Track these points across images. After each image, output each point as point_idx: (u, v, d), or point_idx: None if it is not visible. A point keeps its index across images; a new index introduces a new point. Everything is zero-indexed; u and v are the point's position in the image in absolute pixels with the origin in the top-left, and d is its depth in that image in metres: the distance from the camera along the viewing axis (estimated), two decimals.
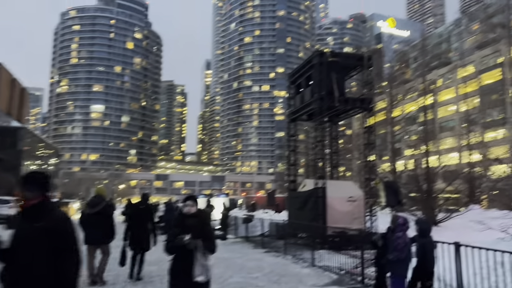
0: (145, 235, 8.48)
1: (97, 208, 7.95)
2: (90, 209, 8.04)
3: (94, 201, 8.16)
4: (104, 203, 8.16)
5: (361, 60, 13.20)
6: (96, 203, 8.04)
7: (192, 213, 4.24)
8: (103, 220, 8.01)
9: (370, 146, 12.95)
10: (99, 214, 7.94)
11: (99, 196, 8.33)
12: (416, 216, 14.20)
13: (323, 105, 12.53)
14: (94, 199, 8.26)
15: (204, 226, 4.24)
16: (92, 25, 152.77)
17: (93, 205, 8.05)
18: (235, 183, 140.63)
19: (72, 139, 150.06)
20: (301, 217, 13.36)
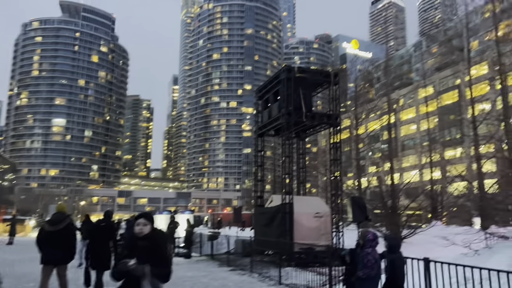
0: (106, 254, 8.13)
1: (59, 226, 7.47)
2: (52, 227, 7.51)
3: (56, 219, 7.64)
4: (67, 220, 7.71)
5: (328, 76, 13.32)
6: (59, 221, 7.55)
7: (144, 234, 3.70)
8: (65, 239, 7.51)
9: (336, 162, 12.98)
10: (61, 233, 7.46)
11: (61, 213, 7.84)
12: (381, 232, 14.28)
13: (290, 120, 12.49)
14: (56, 216, 7.74)
15: (157, 250, 3.68)
16: (55, 37, 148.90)
17: (55, 223, 7.53)
18: (201, 199, 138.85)
19: (31, 153, 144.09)
20: (268, 233, 13.12)
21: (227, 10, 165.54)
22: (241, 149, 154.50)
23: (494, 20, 14.96)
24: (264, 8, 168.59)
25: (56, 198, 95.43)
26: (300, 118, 12.73)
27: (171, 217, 16.05)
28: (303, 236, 12.57)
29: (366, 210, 10.37)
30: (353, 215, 10.00)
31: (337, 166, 13.02)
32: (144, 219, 3.77)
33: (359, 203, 10.16)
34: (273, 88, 13.99)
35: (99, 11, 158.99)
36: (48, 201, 79.97)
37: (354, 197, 10.58)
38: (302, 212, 12.56)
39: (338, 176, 13.07)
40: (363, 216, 10.01)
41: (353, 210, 9.98)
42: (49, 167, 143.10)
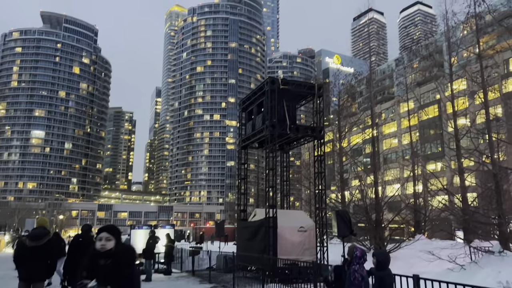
0: None
1: (41, 241, 7.06)
2: (33, 242, 7.07)
3: (37, 234, 7.21)
4: (48, 236, 7.33)
5: (312, 89, 13.21)
6: (40, 236, 7.14)
7: (106, 250, 3.18)
8: (47, 254, 7.12)
9: (320, 175, 12.80)
10: (43, 248, 7.05)
11: (43, 228, 7.45)
12: (366, 246, 14.06)
13: (274, 132, 12.28)
14: (37, 231, 7.33)
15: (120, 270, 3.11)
16: (36, 48, 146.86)
17: (36, 238, 7.10)
18: (184, 213, 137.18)
19: (8, 166, 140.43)
20: (251, 248, 12.77)
21: (211, 24, 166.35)
22: (225, 162, 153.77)
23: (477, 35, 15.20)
24: (248, 22, 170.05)
25: (34, 212, 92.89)
26: (284, 130, 12.54)
27: (150, 231, 15.53)
28: (287, 251, 12.26)
29: (351, 224, 10.18)
30: (338, 229, 9.78)
31: (322, 179, 12.83)
32: (107, 233, 3.26)
33: (344, 217, 9.96)
34: (257, 99, 13.80)
35: (81, 22, 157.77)
36: (25, 215, 77.61)
37: (339, 211, 10.37)
38: (285, 226, 12.27)
39: (322, 189, 12.88)
40: (348, 230, 9.79)
41: (338, 224, 9.76)
42: (27, 180, 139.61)
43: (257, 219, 13.13)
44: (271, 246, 11.69)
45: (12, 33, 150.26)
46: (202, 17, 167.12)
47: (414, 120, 68.14)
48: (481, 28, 18.04)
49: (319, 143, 13.00)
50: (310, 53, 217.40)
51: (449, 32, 15.78)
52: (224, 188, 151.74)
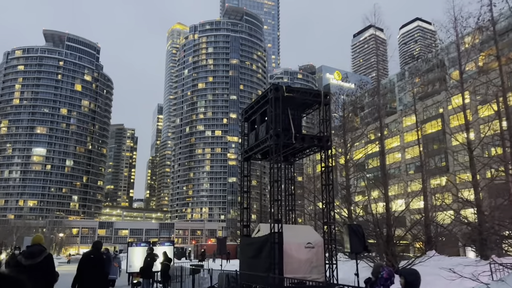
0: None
1: (37, 259, 6.60)
2: (29, 260, 6.59)
3: (32, 251, 6.72)
4: (44, 253, 6.82)
5: (318, 97, 12.59)
6: (36, 254, 6.66)
7: None
8: (44, 273, 6.64)
9: (328, 187, 12.06)
10: (39, 267, 6.59)
11: (38, 245, 6.93)
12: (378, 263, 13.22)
13: (279, 142, 11.60)
14: (33, 248, 6.82)
15: None
16: (38, 66, 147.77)
17: (31, 256, 6.62)
18: (185, 230, 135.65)
19: (9, 183, 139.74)
20: (255, 266, 11.95)
21: (212, 41, 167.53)
22: (226, 178, 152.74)
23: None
24: (249, 39, 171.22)
25: (34, 230, 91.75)
26: (289, 140, 11.86)
27: (148, 249, 14.70)
28: (293, 269, 11.45)
29: (365, 239, 9.41)
30: (351, 245, 9.02)
31: (329, 192, 12.10)
32: None
33: (358, 231, 9.20)
34: (260, 108, 13.16)
35: (83, 40, 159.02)
36: (23, 233, 76.51)
37: (352, 225, 9.62)
38: (292, 242, 11.49)
39: (330, 202, 12.13)
40: (362, 246, 9.04)
41: (350, 240, 9.01)
42: (27, 198, 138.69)
43: (261, 235, 12.35)
44: (277, 264, 10.89)
45: (15, 51, 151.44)
46: (204, 35, 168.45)
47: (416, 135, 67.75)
48: (481, 42, 17.55)
49: (326, 153, 12.31)
50: (310, 69, 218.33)
51: (458, 39, 15.23)
52: (226, 205, 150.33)
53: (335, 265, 11.57)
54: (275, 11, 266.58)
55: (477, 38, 15.48)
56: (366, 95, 54.61)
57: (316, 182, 33.08)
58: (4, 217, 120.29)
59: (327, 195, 12.03)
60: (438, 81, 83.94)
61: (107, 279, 7.70)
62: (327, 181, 12.11)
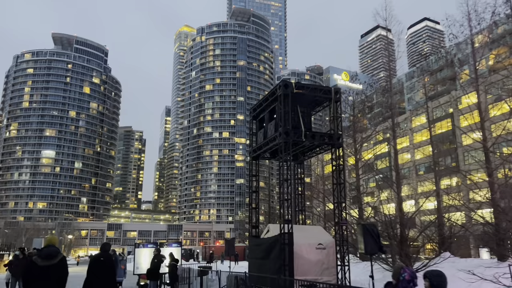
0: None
1: (53, 261, 6.59)
2: (45, 261, 6.55)
3: (49, 253, 6.66)
4: (60, 255, 6.80)
5: (328, 93, 12.23)
6: (52, 255, 6.64)
7: None
8: (59, 275, 6.63)
9: (340, 186, 11.69)
10: (55, 268, 6.57)
11: (53, 247, 6.88)
12: (398, 264, 12.77)
13: (288, 140, 11.26)
14: (49, 249, 6.76)
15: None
16: (47, 69, 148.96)
17: (48, 257, 6.58)
18: (193, 232, 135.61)
19: (19, 186, 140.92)
20: (265, 267, 11.62)
21: (219, 42, 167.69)
22: (234, 179, 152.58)
23: None
24: (256, 41, 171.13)
25: (43, 232, 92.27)
26: (299, 138, 11.51)
27: (155, 250, 14.41)
28: (304, 271, 11.09)
29: (380, 239, 9.02)
30: (366, 246, 8.64)
31: (341, 191, 11.72)
32: None
33: (372, 231, 8.81)
34: (268, 106, 12.82)
35: (92, 43, 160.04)
36: (32, 234, 76.87)
37: (366, 225, 9.23)
38: (302, 243, 11.13)
39: (342, 202, 11.75)
40: (377, 246, 8.65)
41: (365, 240, 8.63)
42: (37, 200, 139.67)
43: (270, 236, 12.01)
44: (287, 266, 10.55)
45: (24, 54, 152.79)
46: (211, 36, 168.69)
47: (427, 134, 66.92)
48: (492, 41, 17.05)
49: (337, 151, 11.94)
50: (318, 70, 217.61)
51: (472, 35, 14.78)
52: (234, 206, 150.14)
53: (347, 266, 11.20)
54: (282, 13, 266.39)
55: (490, 34, 15.03)
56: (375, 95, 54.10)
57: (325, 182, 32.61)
58: (14, 219, 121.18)
59: (339, 195, 11.66)
60: (449, 80, 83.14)
61: (116, 281, 7.79)
62: (338, 180, 11.75)
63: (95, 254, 8.67)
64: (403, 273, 4.37)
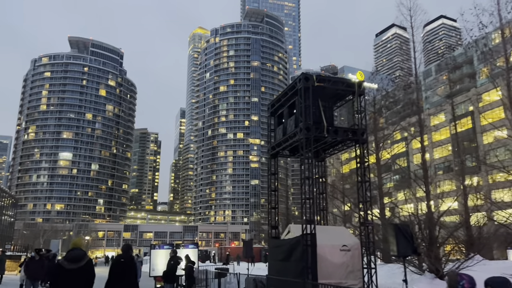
0: None
1: (80, 263, 6.52)
2: (72, 264, 6.48)
3: (76, 255, 6.62)
4: (86, 258, 6.78)
5: (351, 86, 11.58)
6: (79, 258, 6.59)
7: None
8: (86, 277, 6.56)
9: (365, 184, 11.02)
10: (82, 271, 6.51)
11: (79, 249, 6.85)
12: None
13: (309, 135, 10.65)
14: (75, 252, 6.70)
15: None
16: (64, 72, 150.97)
17: (75, 260, 6.53)
18: (208, 233, 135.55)
19: (37, 188, 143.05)
20: (285, 270, 11.03)
21: (233, 44, 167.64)
22: (249, 180, 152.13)
23: None
24: (270, 41, 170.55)
25: (61, 233, 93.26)
26: (320, 133, 10.89)
27: (172, 251, 13.92)
28: (328, 274, 10.49)
29: (414, 240, 8.36)
30: (398, 248, 8.00)
31: (366, 189, 11.07)
32: None
33: (405, 232, 8.15)
34: (288, 100, 12.23)
35: (107, 46, 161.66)
36: (50, 236, 77.64)
37: (399, 225, 8.57)
38: (325, 244, 10.52)
39: (367, 201, 11.09)
40: (410, 248, 7.99)
41: (397, 241, 7.98)
42: (55, 202, 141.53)
43: (291, 236, 11.42)
44: (310, 269, 9.94)
45: (42, 58, 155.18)
46: (225, 37, 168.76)
47: (446, 133, 65.38)
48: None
49: (362, 148, 11.28)
50: (332, 69, 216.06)
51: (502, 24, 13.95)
52: (249, 207, 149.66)
53: (374, 269, 10.53)
54: (295, 13, 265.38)
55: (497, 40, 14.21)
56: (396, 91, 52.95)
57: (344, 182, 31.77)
58: (32, 220, 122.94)
59: (363, 193, 11.01)
60: (468, 77, 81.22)
61: (137, 283, 7.82)
62: (363, 178, 11.10)
63: (117, 255, 8.56)
64: (460, 280, 3.76)
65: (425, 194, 14.25)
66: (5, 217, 56.28)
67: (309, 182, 10.61)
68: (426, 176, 14.67)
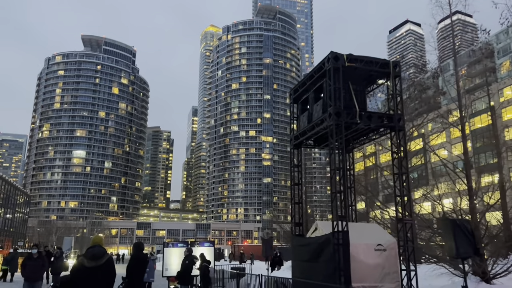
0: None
1: (101, 261, 6.33)
2: (93, 262, 6.29)
3: (96, 253, 6.42)
4: (107, 255, 6.54)
5: (386, 67, 10.39)
6: (100, 255, 6.39)
7: None
8: (106, 276, 6.39)
9: (402, 176, 9.82)
10: (102, 269, 6.33)
11: (100, 247, 6.58)
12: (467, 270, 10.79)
13: (340, 121, 9.50)
14: (96, 250, 6.48)
15: None
16: (77, 70, 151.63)
17: (96, 258, 6.34)
18: (221, 231, 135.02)
19: (51, 185, 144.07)
20: (313, 272, 9.90)
21: (245, 41, 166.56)
22: (261, 178, 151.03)
23: None
24: (282, 38, 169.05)
25: (75, 230, 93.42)
26: (352, 119, 9.74)
27: (186, 250, 12.87)
28: (361, 277, 9.34)
29: (475, 239, 7.16)
30: (457, 247, 6.82)
31: (404, 181, 9.89)
32: None
33: (465, 228, 6.97)
34: (314, 84, 11.05)
35: (120, 44, 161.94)
36: (63, 233, 77.60)
37: (457, 220, 7.38)
38: (358, 243, 9.37)
39: (406, 194, 9.91)
40: (472, 248, 6.80)
41: (456, 239, 6.81)
42: (69, 199, 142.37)
43: (319, 234, 10.30)
44: (342, 271, 8.81)
45: (55, 57, 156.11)
46: (237, 35, 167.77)
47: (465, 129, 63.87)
48: None
49: (398, 135, 10.10)
50: None
51: None
52: (261, 205, 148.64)
53: (413, 272, 9.36)
54: (308, 10, 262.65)
55: None
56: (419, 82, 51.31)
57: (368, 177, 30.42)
58: (47, 217, 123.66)
59: (401, 187, 9.83)
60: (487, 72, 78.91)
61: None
62: (401, 170, 9.92)
63: (134, 253, 8.61)
64: None
65: (467, 188, 12.99)
66: (18, 214, 56.03)
67: (340, 174, 9.48)
68: (468, 168, 13.39)
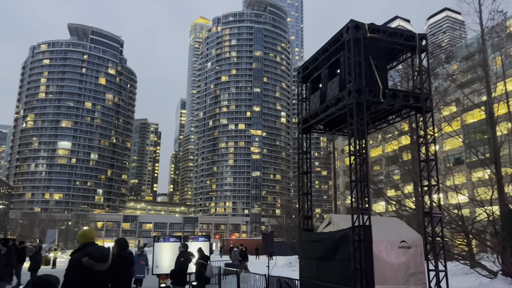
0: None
1: (107, 264, 5.11)
2: (100, 265, 4.93)
3: (102, 253, 5.04)
4: (110, 255, 5.37)
5: (411, 39, 9.11)
6: (106, 257, 5.08)
7: None
8: (110, 278, 5.38)
9: (429, 164, 8.59)
10: (107, 272, 5.17)
11: (97, 244, 5.33)
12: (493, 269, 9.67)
13: (361, 100, 8.22)
14: (97, 248, 5.09)
15: None
16: (63, 60, 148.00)
17: (103, 259, 5.02)
18: (209, 224, 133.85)
19: (35, 177, 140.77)
20: (328, 272, 8.65)
21: (235, 33, 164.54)
22: (250, 172, 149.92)
23: None
24: (273, 31, 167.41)
25: (60, 223, 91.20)
26: (375, 97, 8.46)
27: (182, 245, 11.51)
28: (384, 277, 8.15)
29: None
30: None
31: (431, 170, 8.68)
32: None
33: None
34: (328, 59, 9.68)
35: (107, 34, 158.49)
36: (46, 225, 75.40)
37: None
38: (379, 240, 8.17)
39: (434, 185, 8.72)
40: None
41: None
42: (53, 191, 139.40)
43: (333, 229, 9.04)
44: (364, 271, 7.60)
45: (40, 45, 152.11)
46: (227, 26, 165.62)
47: (456, 125, 63.50)
48: None
49: (425, 117, 8.85)
50: None
51: None
52: (250, 199, 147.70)
53: (443, 272, 8.20)
54: (298, 3, 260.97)
55: None
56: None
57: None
58: (31, 210, 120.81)
59: (428, 175, 8.64)
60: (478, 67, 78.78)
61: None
62: (427, 156, 8.72)
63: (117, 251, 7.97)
64: None
65: (496, 180, 11.89)
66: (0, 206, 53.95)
67: (361, 161, 8.20)
68: (497, 156, 12.26)
